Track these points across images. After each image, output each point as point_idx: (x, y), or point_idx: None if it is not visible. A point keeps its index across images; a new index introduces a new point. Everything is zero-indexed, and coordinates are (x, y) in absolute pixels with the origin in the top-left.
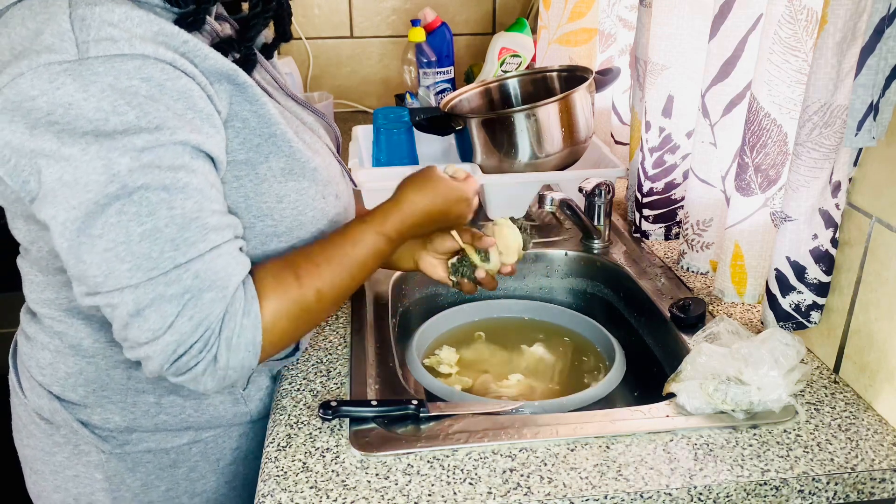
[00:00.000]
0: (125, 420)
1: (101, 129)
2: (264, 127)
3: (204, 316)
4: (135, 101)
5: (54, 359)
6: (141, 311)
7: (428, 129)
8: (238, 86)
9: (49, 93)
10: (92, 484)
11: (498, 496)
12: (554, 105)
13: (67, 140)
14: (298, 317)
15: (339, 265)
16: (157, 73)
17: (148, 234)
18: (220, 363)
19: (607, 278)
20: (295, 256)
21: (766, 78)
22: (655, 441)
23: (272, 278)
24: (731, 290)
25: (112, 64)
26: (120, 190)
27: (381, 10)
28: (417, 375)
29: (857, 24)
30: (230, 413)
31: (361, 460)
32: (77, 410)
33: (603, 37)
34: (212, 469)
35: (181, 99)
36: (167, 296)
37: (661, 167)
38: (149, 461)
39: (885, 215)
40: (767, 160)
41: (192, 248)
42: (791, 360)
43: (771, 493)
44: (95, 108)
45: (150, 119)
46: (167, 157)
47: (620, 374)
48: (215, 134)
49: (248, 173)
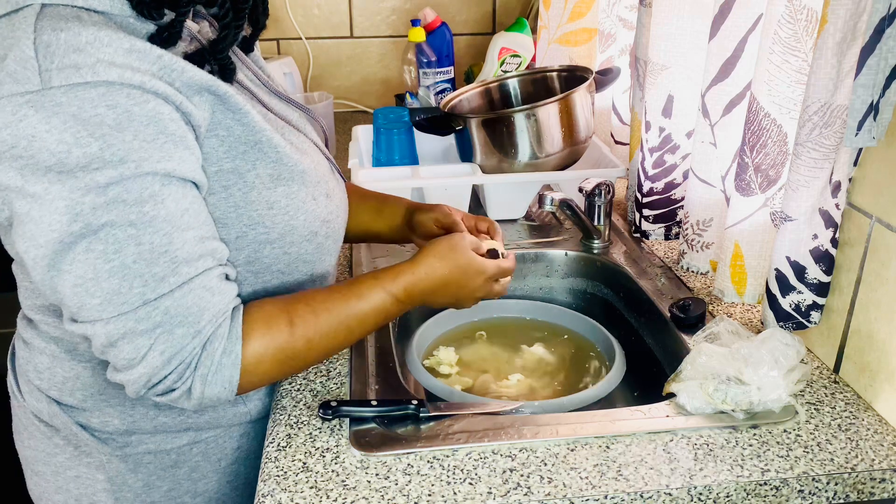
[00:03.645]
0: (124, 423)
1: (63, 163)
2: (249, 134)
3: (176, 351)
4: (98, 132)
5: (52, 363)
6: (114, 343)
7: (428, 129)
8: (219, 96)
9: (13, 125)
10: (94, 485)
11: (498, 496)
12: (554, 105)
13: (30, 178)
14: (283, 362)
15: (338, 317)
16: (123, 100)
17: (116, 271)
18: (195, 395)
19: (607, 278)
20: (294, 301)
21: (766, 78)
22: (655, 441)
23: (263, 321)
24: (730, 290)
25: (75, 93)
26: (84, 228)
27: (381, 10)
28: (417, 375)
29: (857, 24)
30: (230, 413)
31: (361, 460)
32: (76, 414)
33: (603, 37)
34: (213, 469)
35: (150, 124)
36: (138, 330)
37: (661, 167)
38: (150, 462)
39: (885, 215)
40: (767, 160)
41: (161, 284)
42: (791, 360)
43: (771, 493)
44: (58, 140)
45: (115, 151)
46: (133, 191)
47: (620, 374)
48: (189, 157)
49: (235, 182)
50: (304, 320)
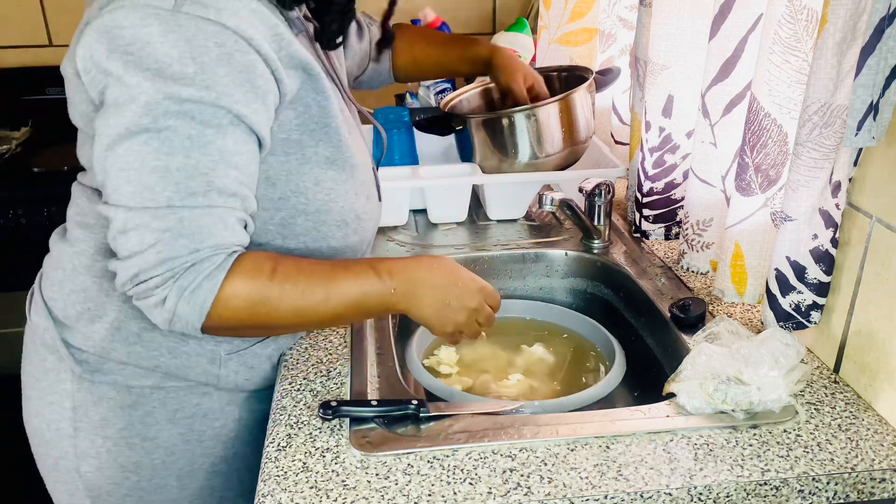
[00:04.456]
0: (105, 340)
1: (162, 71)
2: (323, 117)
3: (170, 256)
4: (200, 59)
5: (65, 276)
6: (125, 231)
7: (428, 129)
8: (311, 76)
9: (136, 27)
10: (61, 412)
11: (498, 496)
12: (554, 105)
13: (132, 70)
14: (254, 305)
15: (318, 280)
16: (231, 44)
17: (158, 169)
18: (167, 306)
19: (607, 278)
20: (286, 256)
21: (767, 78)
22: (655, 441)
23: (251, 262)
24: (731, 290)
25: (196, 23)
26: (151, 124)
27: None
28: (417, 375)
29: (857, 24)
30: (200, 368)
31: (361, 460)
32: (64, 331)
33: (603, 37)
34: (167, 418)
35: (244, 71)
36: (150, 227)
37: (661, 167)
38: (112, 398)
39: (885, 215)
40: (768, 160)
41: (189, 197)
42: (791, 360)
43: (771, 493)
44: (166, 52)
45: (205, 78)
46: (206, 114)
47: (620, 374)
48: (263, 113)
49: (296, 152)
50: (286, 270)
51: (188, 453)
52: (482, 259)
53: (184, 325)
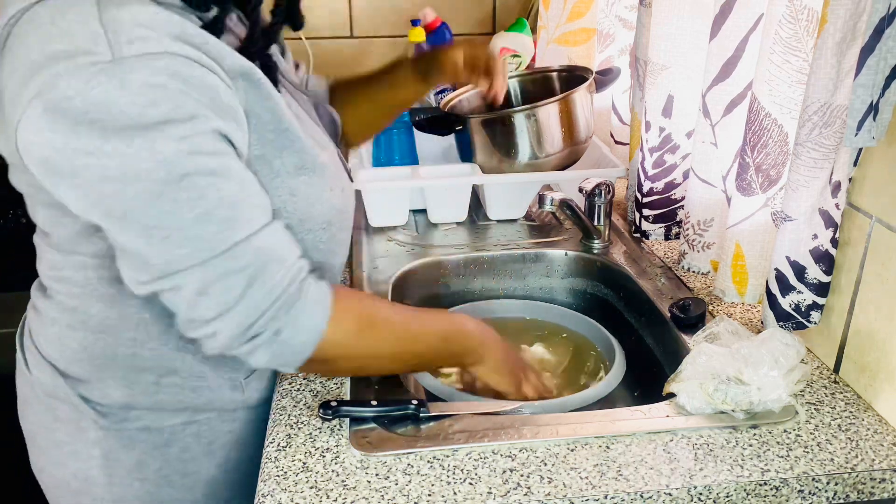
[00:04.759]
0: (124, 396)
1: (140, 122)
2: (277, 123)
3: (274, 283)
4: (167, 95)
5: (62, 333)
6: (206, 289)
7: (428, 129)
8: (253, 83)
9: (85, 93)
10: (89, 460)
11: (498, 496)
12: (554, 105)
13: (111, 136)
14: (366, 328)
15: (412, 315)
16: (185, 69)
17: (201, 218)
18: (282, 337)
19: (607, 278)
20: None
21: (767, 78)
22: (655, 441)
23: (348, 290)
24: (732, 291)
25: (144, 62)
26: (168, 176)
27: (381, 10)
28: (417, 375)
29: (856, 24)
30: (226, 397)
31: (361, 460)
32: (78, 386)
33: (601, 37)
34: (204, 451)
35: (208, 93)
36: (232, 270)
37: (662, 167)
38: (144, 440)
39: (885, 215)
40: (768, 160)
41: (246, 226)
42: (791, 360)
43: (771, 493)
44: (131, 102)
45: (185, 110)
46: (207, 144)
47: (620, 374)
48: (238, 128)
49: (262, 168)
50: (384, 302)
51: (228, 483)
52: (482, 259)
53: (292, 355)
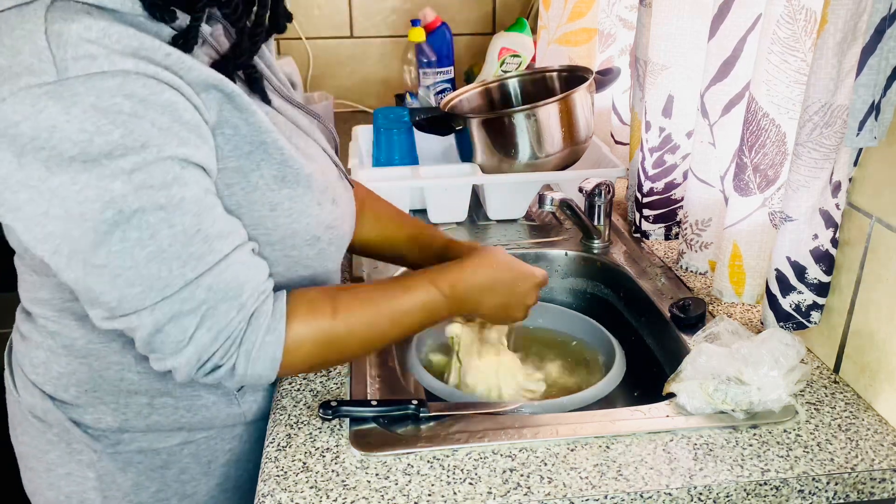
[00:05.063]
0: (117, 420)
1: (86, 152)
2: (255, 134)
3: (222, 326)
4: (118, 120)
5: (47, 358)
6: (161, 328)
7: (428, 129)
8: (226, 95)
9: (32, 117)
10: (84, 482)
11: (498, 496)
12: (554, 105)
13: (55, 169)
14: (325, 346)
15: (381, 307)
16: (140, 89)
17: (154, 256)
18: (238, 372)
19: (607, 278)
20: (338, 289)
21: (765, 78)
22: (655, 441)
23: (307, 304)
24: (729, 290)
25: (93, 83)
26: (117, 216)
27: (381, 10)
28: (417, 375)
29: (857, 24)
30: (223, 414)
31: (361, 460)
32: (69, 410)
33: (603, 37)
34: (203, 471)
35: (166, 112)
36: (184, 311)
37: (662, 167)
38: (140, 461)
39: (885, 215)
40: (766, 160)
41: (200, 262)
42: (791, 360)
43: (771, 493)
44: (79, 129)
45: (136, 137)
46: (158, 175)
47: (620, 374)
48: (203, 145)
49: (238, 181)
50: (347, 307)
51: (227, 502)
52: None
53: (258, 382)
